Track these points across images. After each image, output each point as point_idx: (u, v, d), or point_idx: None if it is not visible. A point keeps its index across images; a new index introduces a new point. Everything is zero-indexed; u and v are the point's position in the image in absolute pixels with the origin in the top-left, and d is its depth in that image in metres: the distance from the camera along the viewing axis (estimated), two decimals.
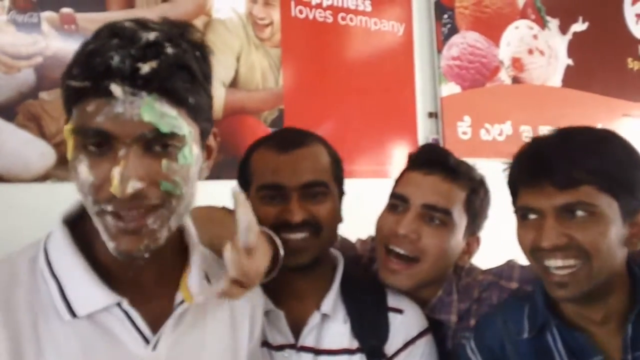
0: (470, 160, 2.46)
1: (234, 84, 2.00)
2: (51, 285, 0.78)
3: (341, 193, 1.14)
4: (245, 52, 2.05)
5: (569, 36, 2.88)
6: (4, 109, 1.65)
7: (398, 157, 2.38)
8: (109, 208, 0.72)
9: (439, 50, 2.48)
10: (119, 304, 0.79)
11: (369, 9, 2.33)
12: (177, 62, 0.72)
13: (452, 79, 2.50)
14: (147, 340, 0.81)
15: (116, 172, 0.69)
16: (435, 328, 1.17)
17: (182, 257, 0.87)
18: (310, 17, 2.19)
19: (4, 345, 0.74)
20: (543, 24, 2.80)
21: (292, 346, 1.05)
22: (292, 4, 2.15)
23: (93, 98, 0.70)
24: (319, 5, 2.21)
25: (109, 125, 0.70)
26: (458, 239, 1.17)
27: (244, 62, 2.05)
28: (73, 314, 0.77)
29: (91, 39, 0.74)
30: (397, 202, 1.18)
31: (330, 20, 2.24)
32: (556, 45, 2.85)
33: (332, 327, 1.07)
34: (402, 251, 1.13)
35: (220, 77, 1.97)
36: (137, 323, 0.80)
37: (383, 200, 2.29)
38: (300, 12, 2.17)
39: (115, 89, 0.69)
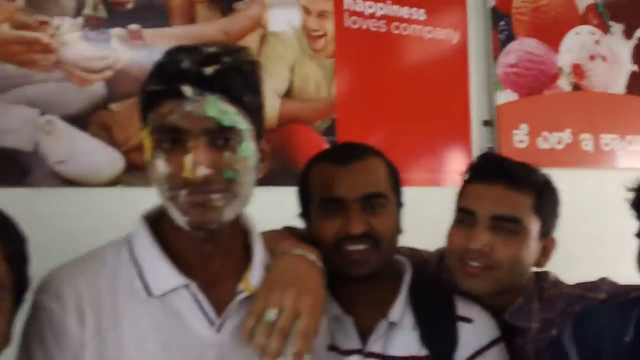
0: None
1: (288, 94, 2.08)
2: (131, 269, 0.92)
3: (399, 204, 1.17)
4: (299, 63, 2.13)
5: (634, 41, 2.79)
6: (78, 119, 1.80)
7: (451, 165, 2.39)
8: (182, 193, 0.85)
9: (495, 57, 2.47)
10: (187, 287, 0.90)
11: (423, 17, 2.35)
12: (234, 67, 0.87)
13: (508, 86, 2.49)
14: (211, 323, 0.91)
15: (188, 159, 0.83)
16: (513, 333, 1.17)
17: (246, 256, 0.98)
18: (364, 27, 2.24)
19: (90, 322, 0.87)
20: (606, 29, 2.73)
21: (359, 351, 1.08)
22: (346, 14, 2.21)
23: (166, 100, 0.85)
24: (372, 15, 2.26)
25: (181, 121, 0.84)
26: (532, 244, 1.18)
27: (298, 73, 2.13)
28: (149, 293, 0.90)
29: (162, 57, 0.90)
30: (464, 216, 1.19)
31: (384, 29, 2.28)
32: (620, 51, 2.78)
33: (399, 334, 1.10)
34: (476, 264, 1.15)
35: (275, 88, 2.06)
36: (203, 305, 0.91)
37: (436, 209, 2.31)
38: (354, 22, 2.22)
39: (186, 89, 0.84)
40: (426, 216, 2.30)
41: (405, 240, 2.15)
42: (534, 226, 1.18)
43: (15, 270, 0.89)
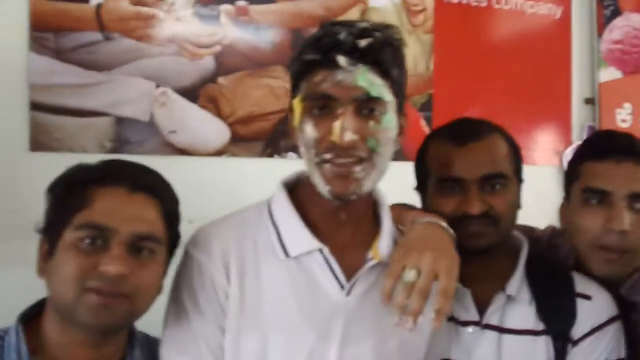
0: None
1: None
2: (271, 232, 0.98)
3: (520, 180, 1.15)
4: None
5: None
6: (189, 92, 1.91)
7: (550, 144, 2.36)
8: (328, 156, 0.90)
9: (600, 34, 2.40)
10: (321, 251, 0.96)
11: None
12: (385, 41, 0.92)
13: (612, 63, 2.41)
14: (341, 286, 0.96)
15: (337, 124, 0.89)
16: (629, 309, 1.14)
17: (374, 225, 1.02)
18: (464, 1, 2.25)
19: (234, 276, 0.95)
20: None
21: (476, 323, 1.09)
22: None
23: (320, 70, 0.90)
24: None
25: (332, 90, 0.90)
26: None
27: None
28: (286, 254, 0.96)
29: (318, 30, 0.94)
30: (594, 196, 1.14)
31: (484, 4, 2.27)
32: None
33: (516, 308, 1.10)
34: (615, 248, 1.12)
35: None
36: (334, 269, 0.96)
37: (532, 187, 2.29)
38: None
39: (341, 59, 0.89)
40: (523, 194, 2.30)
41: None
42: None
43: (170, 227, 0.97)
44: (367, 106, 0.90)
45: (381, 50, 0.91)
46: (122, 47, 1.83)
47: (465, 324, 1.09)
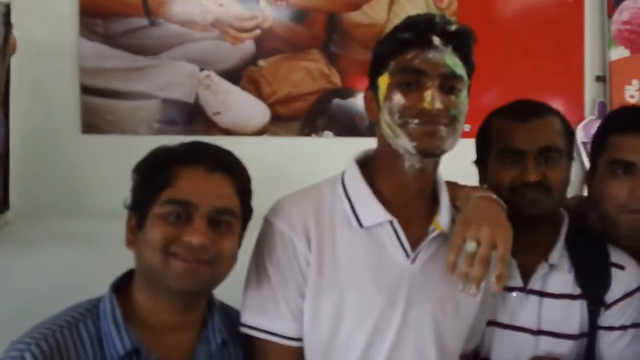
0: None
1: None
2: (345, 204, 1.06)
3: (571, 158, 1.24)
4: None
5: None
6: (231, 74, 1.99)
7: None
8: (415, 121, 0.99)
9: (610, 15, 2.50)
10: (391, 222, 1.04)
11: None
12: (468, 31, 1.05)
13: (621, 42, 2.51)
14: (407, 255, 1.05)
15: (428, 93, 0.98)
16: None
17: (433, 201, 1.11)
18: None
19: (314, 244, 1.03)
20: None
21: (521, 289, 1.18)
22: None
23: (411, 49, 1.00)
24: None
25: (423, 65, 0.99)
26: None
27: None
28: (360, 224, 1.04)
29: (410, 17, 1.06)
30: (622, 167, 1.24)
31: None
32: None
33: (557, 275, 1.19)
34: None
35: None
36: (402, 239, 1.05)
37: None
38: None
39: (435, 39, 1.00)
40: None
41: None
42: None
43: (243, 202, 1.05)
44: (449, 82, 1.00)
45: (465, 37, 1.04)
46: (167, 32, 1.90)
47: (511, 289, 1.18)
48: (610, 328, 1.19)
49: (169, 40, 1.90)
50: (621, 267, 1.20)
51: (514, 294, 1.19)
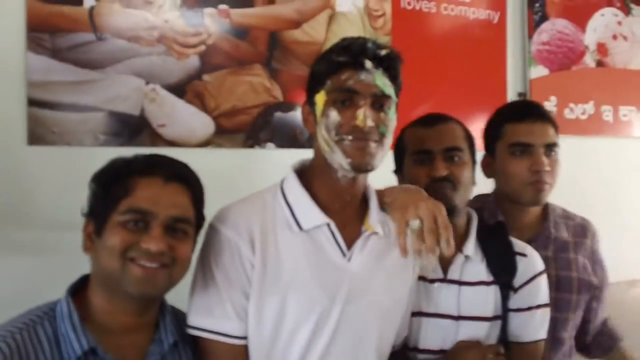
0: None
1: None
2: (285, 209, 1.17)
3: (474, 162, 1.43)
4: None
5: None
6: (176, 88, 2.05)
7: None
8: (349, 137, 1.11)
9: (530, 36, 2.72)
10: (328, 225, 1.16)
11: None
12: (396, 55, 1.18)
13: (541, 62, 2.74)
14: (343, 254, 1.17)
15: (361, 112, 1.10)
16: None
17: (364, 205, 1.24)
18: (417, 8, 2.49)
19: (258, 248, 1.13)
20: (627, 11, 2.97)
21: (442, 280, 1.35)
22: None
23: (346, 70, 1.12)
24: None
25: (356, 86, 1.11)
26: None
27: None
28: (300, 227, 1.15)
29: (344, 40, 1.17)
30: (520, 148, 1.52)
31: (434, 10, 2.52)
32: (639, 31, 3.02)
33: (472, 265, 1.36)
34: (541, 180, 1.53)
35: None
36: (338, 240, 1.17)
37: (477, 169, 2.57)
38: (409, 3, 2.47)
39: (367, 62, 1.12)
40: None
41: None
42: None
43: (198, 211, 1.15)
44: (379, 101, 1.13)
45: (394, 60, 1.17)
46: (114, 47, 1.94)
47: (432, 281, 1.35)
48: (519, 310, 1.37)
49: (116, 55, 1.95)
50: (524, 255, 1.40)
51: (436, 284, 1.35)
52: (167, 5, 2.03)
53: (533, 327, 1.38)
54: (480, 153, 2.59)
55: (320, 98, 1.15)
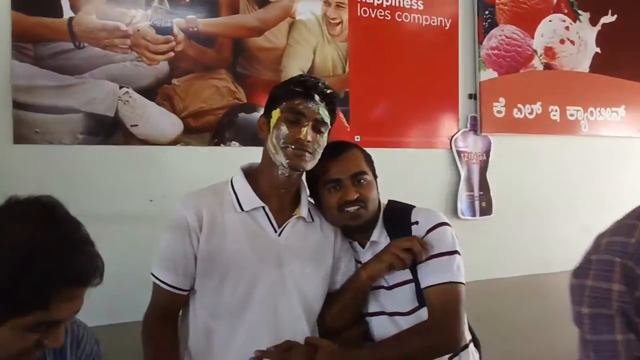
0: (504, 136, 2.90)
1: (310, 71, 2.52)
2: (232, 195, 1.56)
3: (375, 177, 1.67)
4: (320, 46, 2.54)
5: (598, 27, 3.19)
6: (148, 91, 2.23)
7: (442, 131, 2.85)
8: (292, 146, 1.48)
9: (480, 42, 2.87)
10: (264, 208, 1.54)
11: (421, 7, 2.77)
12: (336, 95, 1.60)
13: (490, 65, 2.90)
14: (275, 230, 1.54)
15: (305, 129, 1.48)
16: None
17: (296, 197, 1.61)
18: (373, 15, 2.66)
19: (205, 220, 1.50)
20: (575, 17, 3.14)
21: (359, 263, 1.69)
22: (358, 5, 2.63)
23: (298, 97, 1.50)
24: (380, 6, 2.68)
25: (305, 110, 1.49)
26: None
27: (319, 54, 2.54)
28: (241, 208, 1.53)
29: (298, 77, 1.59)
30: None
31: (389, 18, 2.70)
32: (586, 36, 3.18)
33: (380, 245, 1.64)
34: None
35: (299, 65, 2.50)
36: (271, 219, 1.55)
37: (430, 165, 2.77)
38: (365, 12, 2.64)
39: (316, 96, 1.51)
40: (422, 171, 2.79)
41: (408, 188, 2.59)
42: None
43: None
44: (319, 126, 1.51)
45: (334, 98, 1.58)
46: (91, 54, 2.12)
47: (358, 262, 1.68)
48: (418, 263, 1.57)
49: (93, 62, 2.13)
50: (416, 223, 1.61)
51: (359, 264, 1.68)
52: (139, 16, 2.22)
53: (436, 272, 1.54)
54: (429, 150, 2.81)
55: (275, 114, 1.52)
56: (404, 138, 2.76)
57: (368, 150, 1.71)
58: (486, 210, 2.93)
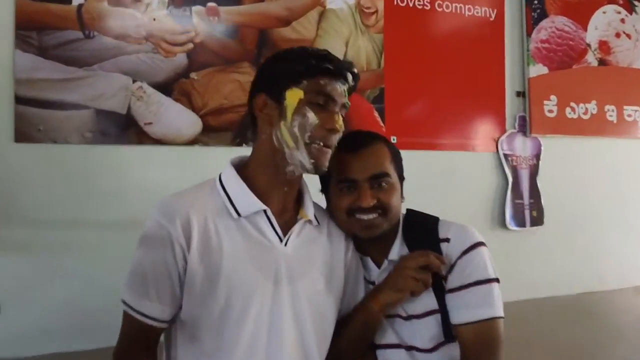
0: (555, 138, 2.67)
1: None
2: (224, 197, 1.23)
3: (402, 178, 1.41)
4: (353, 37, 2.35)
5: None
6: (164, 86, 2.05)
7: (486, 132, 2.61)
8: (320, 143, 1.22)
9: (529, 34, 2.66)
10: (265, 212, 1.23)
11: None
12: (359, 76, 1.31)
13: (540, 60, 2.68)
14: (280, 239, 1.24)
15: (339, 117, 1.24)
16: None
17: (299, 197, 1.33)
18: (411, 5, 2.46)
19: (195, 230, 1.17)
20: (631, 9, 2.91)
21: (373, 283, 1.40)
22: None
23: (327, 76, 1.22)
24: None
25: (334, 93, 1.23)
26: None
27: (351, 46, 2.35)
28: (238, 214, 1.21)
29: (314, 50, 1.27)
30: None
31: (428, 7, 2.49)
32: None
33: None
34: None
35: None
36: (275, 226, 1.24)
37: (473, 171, 2.54)
38: (402, 0, 2.44)
39: (349, 75, 1.26)
40: (461, 177, 2.55)
41: (443, 195, 2.38)
42: None
43: None
44: (342, 111, 1.26)
45: (358, 79, 1.30)
46: (101, 45, 1.95)
47: (369, 282, 1.40)
48: (451, 291, 1.32)
49: (103, 53, 1.95)
50: (447, 240, 1.35)
51: (371, 286, 1.39)
52: (155, 4, 2.03)
53: (472, 305, 1.30)
54: (473, 153, 2.57)
55: (293, 95, 1.21)
56: (445, 140, 2.55)
57: (405, 153, 1.47)
58: (537, 220, 2.69)
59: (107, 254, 1.88)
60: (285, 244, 1.24)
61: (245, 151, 2.12)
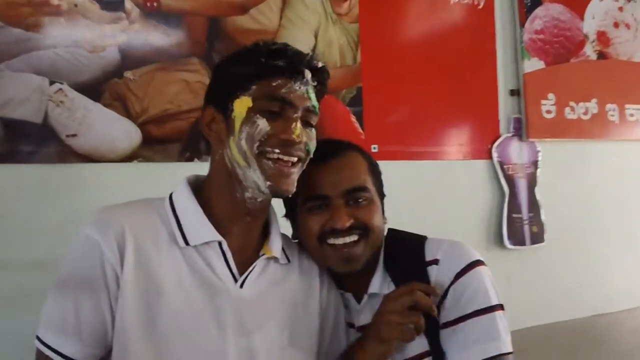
0: (554, 142, 2.43)
1: None
2: (172, 221, 1.06)
3: (382, 195, 1.24)
4: (323, 27, 2.06)
5: None
6: (90, 89, 1.70)
7: (479, 137, 2.35)
8: (275, 152, 1.02)
9: (522, 24, 2.41)
10: (220, 243, 1.06)
11: None
12: (327, 70, 1.11)
13: (535, 54, 2.45)
14: (235, 279, 1.06)
15: (297, 125, 1.03)
16: None
17: (264, 231, 1.15)
18: None
19: (130, 251, 0.99)
20: None
21: (351, 326, 1.23)
22: None
23: (280, 76, 1.03)
24: None
25: (291, 96, 1.03)
26: None
27: (321, 38, 2.06)
28: (186, 242, 1.04)
29: (264, 44, 1.06)
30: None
31: None
32: None
33: (382, 297, 1.17)
34: None
35: None
36: (230, 262, 1.06)
37: (466, 180, 2.27)
38: None
39: (307, 72, 1.05)
40: (455, 189, 2.26)
41: (438, 207, 2.12)
42: None
43: None
44: (309, 117, 1.07)
45: (326, 75, 1.10)
46: (9, 38, 1.60)
47: (349, 324, 1.23)
48: (446, 325, 1.15)
49: (11, 48, 1.60)
50: (434, 262, 1.18)
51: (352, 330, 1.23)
52: None
53: (473, 342, 1.13)
54: (465, 162, 2.28)
55: (241, 104, 1.04)
56: (433, 148, 2.30)
57: (388, 164, 1.33)
58: (537, 237, 2.45)
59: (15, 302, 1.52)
60: (241, 285, 1.06)
61: (197, 167, 1.81)
